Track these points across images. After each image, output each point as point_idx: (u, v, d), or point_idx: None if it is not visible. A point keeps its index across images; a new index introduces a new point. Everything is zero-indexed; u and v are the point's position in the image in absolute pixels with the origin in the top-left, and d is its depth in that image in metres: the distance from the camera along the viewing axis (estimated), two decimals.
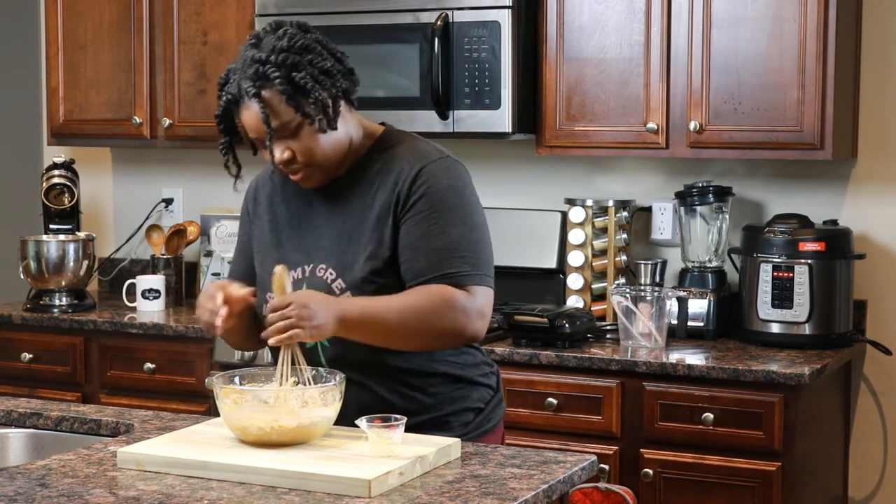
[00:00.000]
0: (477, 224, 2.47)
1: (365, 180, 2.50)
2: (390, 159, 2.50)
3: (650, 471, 3.56)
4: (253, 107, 2.41)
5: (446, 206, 2.44)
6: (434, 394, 2.52)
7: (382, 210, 2.46)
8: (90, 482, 2.17)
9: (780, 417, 3.44)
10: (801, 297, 3.71)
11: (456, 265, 2.41)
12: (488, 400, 2.60)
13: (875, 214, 3.96)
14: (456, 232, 2.43)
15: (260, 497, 2.10)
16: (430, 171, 2.46)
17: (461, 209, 2.45)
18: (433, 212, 2.43)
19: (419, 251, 2.42)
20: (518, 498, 2.11)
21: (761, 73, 3.70)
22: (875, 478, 3.99)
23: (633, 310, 3.73)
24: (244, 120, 2.45)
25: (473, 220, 2.46)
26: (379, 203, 2.47)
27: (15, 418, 2.71)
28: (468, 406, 2.55)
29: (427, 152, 2.50)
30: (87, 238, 4.52)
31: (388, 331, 2.38)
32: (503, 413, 2.66)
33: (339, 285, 2.46)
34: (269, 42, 2.42)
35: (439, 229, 2.42)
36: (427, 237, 2.42)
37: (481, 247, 2.46)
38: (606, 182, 4.26)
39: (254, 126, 2.43)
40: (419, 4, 3.93)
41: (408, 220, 2.44)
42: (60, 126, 4.66)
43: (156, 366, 4.23)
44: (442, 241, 2.41)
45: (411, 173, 2.45)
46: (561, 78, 3.93)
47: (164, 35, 4.47)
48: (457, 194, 2.46)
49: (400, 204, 2.45)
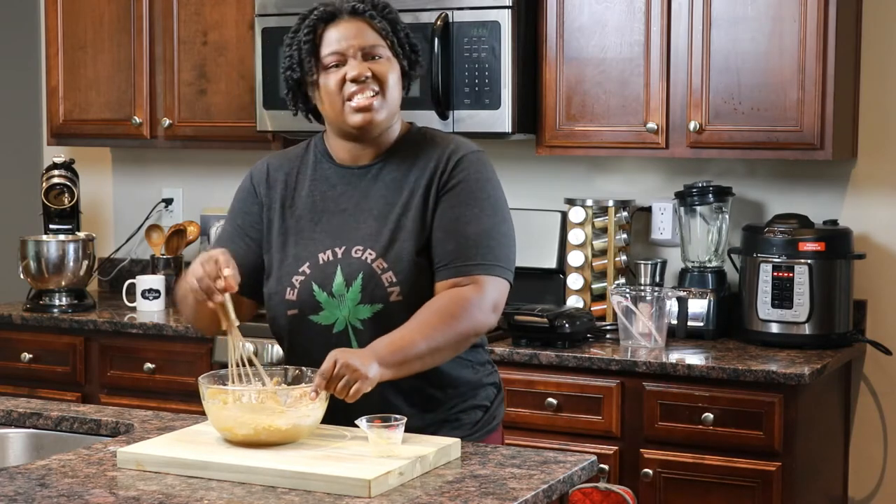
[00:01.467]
0: (506, 219, 2.54)
1: (402, 165, 2.55)
2: (428, 146, 2.56)
3: (650, 471, 3.56)
4: (348, 23, 2.50)
5: (482, 196, 2.51)
6: (450, 394, 2.55)
7: (423, 192, 2.51)
8: (90, 482, 2.17)
9: (780, 417, 3.44)
10: (801, 297, 3.71)
11: (481, 254, 2.47)
12: (493, 398, 2.63)
13: (875, 214, 3.96)
14: (487, 222, 2.49)
15: (260, 497, 2.10)
16: (470, 160, 2.53)
17: (495, 201, 2.52)
18: (469, 198, 2.50)
19: (450, 234, 2.48)
20: (518, 498, 2.11)
21: (761, 72, 3.70)
22: (875, 478, 3.99)
23: (633, 310, 3.73)
24: (331, 35, 2.50)
25: (504, 215, 2.54)
26: (418, 185, 2.52)
27: (15, 418, 2.71)
28: (477, 404, 2.58)
29: (466, 144, 2.58)
30: (87, 238, 4.52)
31: (422, 356, 2.39)
32: (504, 412, 2.69)
33: (381, 265, 2.47)
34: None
35: (473, 216, 2.48)
36: (461, 222, 2.48)
37: (507, 241, 2.52)
38: (606, 182, 4.26)
39: (343, 38, 2.49)
40: (419, 4, 3.93)
41: (444, 202, 2.50)
42: (60, 126, 4.66)
43: (156, 366, 4.23)
44: (473, 228, 2.47)
45: (453, 159, 2.52)
46: (561, 78, 3.93)
47: (164, 35, 4.47)
48: (493, 187, 2.54)
49: (439, 185, 2.51)
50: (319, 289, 2.49)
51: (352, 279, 2.47)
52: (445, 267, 2.46)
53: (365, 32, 2.50)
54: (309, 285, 2.50)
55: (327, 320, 2.49)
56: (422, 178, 2.52)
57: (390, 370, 2.34)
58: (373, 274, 2.46)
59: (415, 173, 2.53)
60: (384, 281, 2.46)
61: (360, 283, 2.47)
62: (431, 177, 2.51)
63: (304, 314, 2.50)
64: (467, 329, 2.43)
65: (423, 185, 2.51)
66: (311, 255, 2.52)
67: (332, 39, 2.50)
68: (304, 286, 2.50)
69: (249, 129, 4.29)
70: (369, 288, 2.46)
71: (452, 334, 2.41)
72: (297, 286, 2.51)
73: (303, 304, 2.50)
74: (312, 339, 2.51)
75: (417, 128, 2.63)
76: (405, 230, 2.49)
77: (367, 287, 2.46)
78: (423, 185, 2.51)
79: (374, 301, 2.46)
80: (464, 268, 2.45)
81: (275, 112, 4.14)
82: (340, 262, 2.49)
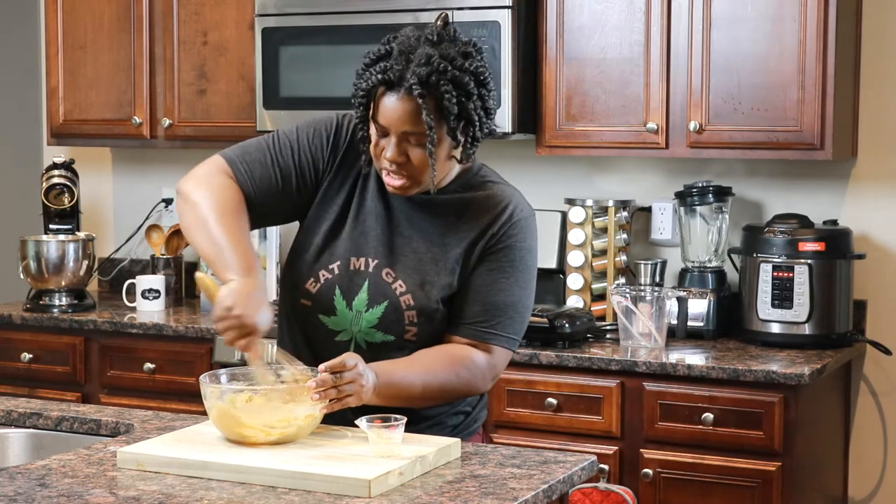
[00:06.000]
0: (533, 290, 2.52)
1: (454, 206, 2.48)
2: (483, 195, 2.48)
3: (650, 471, 3.56)
4: (404, 100, 2.31)
5: (521, 266, 2.48)
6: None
7: (469, 244, 2.46)
8: (90, 482, 2.17)
9: (780, 417, 3.44)
10: (801, 297, 3.71)
11: (503, 324, 2.46)
12: (475, 404, 2.63)
13: (875, 214, 3.96)
14: (518, 294, 2.48)
15: (260, 497, 2.10)
16: (522, 226, 2.48)
17: (530, 273, 2.50)
18: (509, 267, 2.46)
19: (479, 296, 2.46)
20: (518, 498, 2.11)
21: (761, 73, 3.70)
22: (875, 478, 3.99)
23: (633, 310, 3.73)
24: (386, 105, 2.33)
25: (532, 286, 2.52)
26: (467, 236, 2.46)
27: (15, 418, 2.71)
28: (460, 410, 2.59)
29: (521, 204, 2.50)
30: (86, 238, 4.52)
31: (413, 398, 2.41)
32: (486, 416, 2.70)
33: (408, 301, 2.44)
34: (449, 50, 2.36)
35: (507, 285, 2.46)
36: (494, 288, 2.46)
37: (527, 314, 2.52)
38: (606, 182, 4.26)
39: (393, 116, 2.33)
40: (419, 4, 3.93)
41: (485, 263, 2.46)
42: (60, 126, 4.66)
43: (156, 366, 4.23)
44: (504, 298, 2.46)
45: (509, 222, 2.46)
46: (561, 78, 3.93)
47: (164, 35, 4.47)
48: (532, 258, 2.51)
49: (487, 245, 2.45)
50: (341, 296, 2.47)
51: (375, 303, 2.45)
52: (466, 326, 2.46)
53: (413, 118, 2.31)
54: (332, 287, 2.47)
55: (336, 326, 2.48)
56: (472, 229, 2.46)
57: (379, 398, 2.36)
58: (397, 307, 2.44)
59: (465, 221, 2.46)
60: (405, 318, 2.45)
61: (382, 311, 2.45)
62: (482, 233, 2.45)
63: (316, 311, 2.48)
64: (463, 391, 2.47)
65: (471, 237, 2.46)
66: (344, 256, 2.47)
67: (382, 109, 2.34)
68: (327, 285, 2.47)
69: (249, 129, 4.29)
70: (390, 319, 2.45)
71: (448, 390, 2.44)
72: (321, 282, 2.48)
73: (319, 301, 2.48)
74: (313, 332, 2.51)
75: (478, 167, 2.53)
76: (439, 276, 2.45)
77: (387, 317, 2.45)
78: (472, 237, 2.46)
79: (389, 332, 2.46)
80: (483, 334, 2.46)
81: (275, 112, 4.14)
82: (370, 277, 2.46)
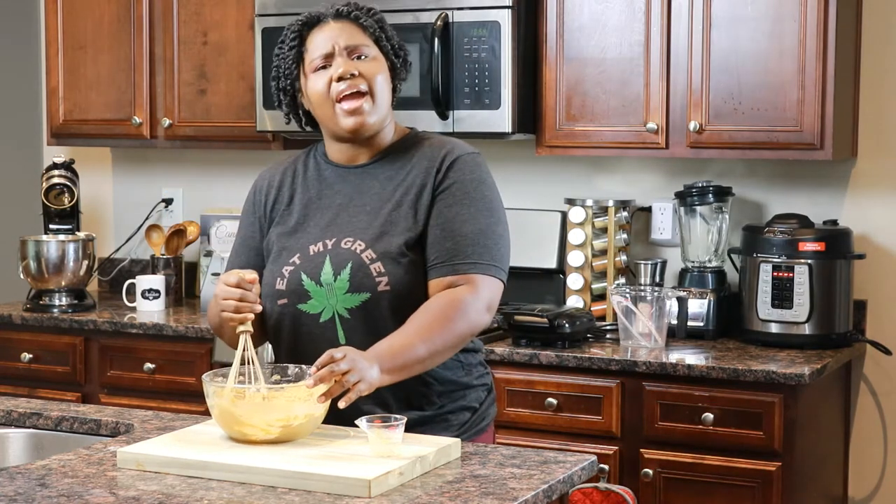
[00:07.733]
0: (501, 220, 2.56)
1: (396, 163, 2.58)
2: (424, 147, 2.59)
3: (650, 471, 3.56)
4: (333, 24, 2.54)
5: (478, 196, 2.53)
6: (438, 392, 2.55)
7: (417, 189, 2.53)
8: (90, 482, 2.17)
9: (780, 417, 3.44)
10: (801, 297, 3.71)
11: (477, 252, 2.49)
12: (483, 399, 2.64)
13: (875, 214, 3.96)
14: (483, 222, 2.51)
15: (260, 497, 2.10)
16: (466, 161, 2.56)
17: (490, 202, 2.55)
18: (465, 198, 2.52)
19: (446, 232, 2.50)
20: (518, 498, 2.11)
21: (761, 73, 3.70)
22: (875, 478, 3.99)
23: (633, 310, 3.73)
24: (316, 39, 2.54)
25: (499, 216, 2.56)
26: (413, 183, 2.54)
27: (15, 418, 2.71)
28: (466, 405, 2.59)
29: (462, 146, 2.61)
30: (86, 238, 4.52)
31: (422, 359, 2.42)
32: (495, 413, 2.70)
33: (370, 255, 2.49)
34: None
35: (469, 216, 2.51)
36: (457, 221, 2.50)
37: (502, 242, 2.54)
38: (606, 182, 4.26)
39: (328, 38, 2.53)
40: (419, 4, 3.93)
41: (439, 202, 2.52)
42: (60, 126, 4.66)
43: (156, 366, 4.23)
44: (470, 228, 2.50)
45: (448, 159, 2.55)
46: (561, 78, 3.93)
47: (164, 35, 4.47)
48: (488, 188, 2.56)
49: (435, 184, 2.53)
50: (308, 278, 2.52)
51: (340, 268, 2.50)
52: (441, 265, 2.49)
53: (350, 31, 2.54)
54: (298, 275, 2.53)
55: (315, 309, 2.52)
56: (417, 176, 2.55)
57: (390, 375, 2.36)
58: (361, 264, 2.49)
59: (410, 171, 2.56)
60: (373, 271, 2.48)
61: (348, 273, 2.49)
62: (427, 175, 2.54)
63: (293, 303, 2.53)
64: (464, 330, 2.46)
65: (417, 182, 2.54)
66: (302, 248, 2.55)
67: (317, 42, 2.54)
68: (293, 276, 2.54)
69: (249, 129, 4.29)
70: (358, 277, 2.49)
71: (450, 336, 2.43)
72: (287, 276, 2.54)
73: (291, 293, 2.53)
74: (299, 330, 2.53)
75: (416, 131, 2.66)
76: (396, 225, 2.51)
77: (355, 276, 2.49)
78: (418, 182, 2.54)
79: (362, 290, 2.48)
80: (460, 266, 2.48)
81: (275, 112, 4.14)
82: (330, 252, 2.53)
